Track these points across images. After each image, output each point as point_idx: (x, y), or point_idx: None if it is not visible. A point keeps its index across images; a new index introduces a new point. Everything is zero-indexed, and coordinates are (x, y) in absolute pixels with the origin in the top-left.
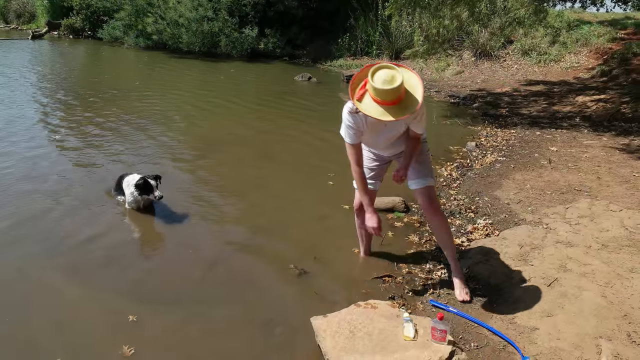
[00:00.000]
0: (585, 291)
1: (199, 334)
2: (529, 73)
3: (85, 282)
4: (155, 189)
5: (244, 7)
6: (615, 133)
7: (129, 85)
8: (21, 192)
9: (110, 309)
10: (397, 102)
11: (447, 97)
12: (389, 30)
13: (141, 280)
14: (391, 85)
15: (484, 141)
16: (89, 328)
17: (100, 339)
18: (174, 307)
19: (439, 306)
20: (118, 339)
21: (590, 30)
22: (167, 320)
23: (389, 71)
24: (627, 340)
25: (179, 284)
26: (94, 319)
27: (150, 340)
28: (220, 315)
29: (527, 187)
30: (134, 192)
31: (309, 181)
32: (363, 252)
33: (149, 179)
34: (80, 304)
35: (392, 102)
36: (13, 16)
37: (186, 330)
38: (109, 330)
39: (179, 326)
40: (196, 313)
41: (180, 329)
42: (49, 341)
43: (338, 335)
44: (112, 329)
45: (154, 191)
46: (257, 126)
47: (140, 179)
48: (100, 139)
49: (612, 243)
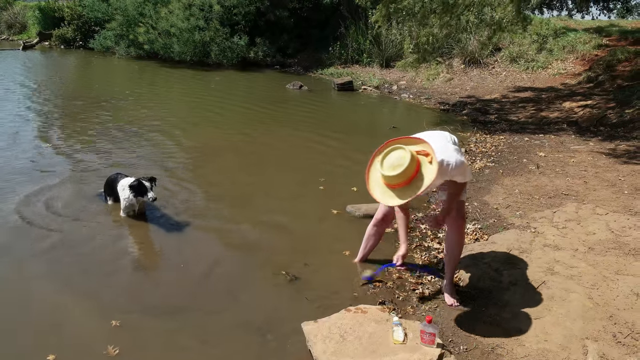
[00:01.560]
0: (572, 293)
1: (189, 340)
2: (517, 80)
3: (73, 287)
4: (150, 190)
5: (235, 16)
6: (601, 138)
7: (120, 94)
8: (10, 198)
9: (98, 314)
10: (408, 182)
11: (437, 104)
12: (379, 38)
13: (130, 285)
14: (395, 171)
15: (473, 147)
16: (78, 331)
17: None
18: (164, 313)
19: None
20: (105, 341)
21: (577, 37)
22: (157, 327)
23: (396, 153)
24: (612, 341)
25: (168, 289)
26: (82, 323)
27: (139, 346)
28: (211, 321)
29: (516, 192)
30: (128, 195)
31: (300, 187)
32: (358, 259)
33: (144, 181)
34: (68, 307)
35: (398, 184)
36: (4, 27)
37: (176, 336)
38: (96, 334)
39: (169, 332)
40: (187, 319)
41: (171, 334)
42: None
43: (329, 340)
44: (98, 333)
45: (147, 193)
46: (249, 134)
47: (134, 180)
48: (92, 147)
49: (599, 246)
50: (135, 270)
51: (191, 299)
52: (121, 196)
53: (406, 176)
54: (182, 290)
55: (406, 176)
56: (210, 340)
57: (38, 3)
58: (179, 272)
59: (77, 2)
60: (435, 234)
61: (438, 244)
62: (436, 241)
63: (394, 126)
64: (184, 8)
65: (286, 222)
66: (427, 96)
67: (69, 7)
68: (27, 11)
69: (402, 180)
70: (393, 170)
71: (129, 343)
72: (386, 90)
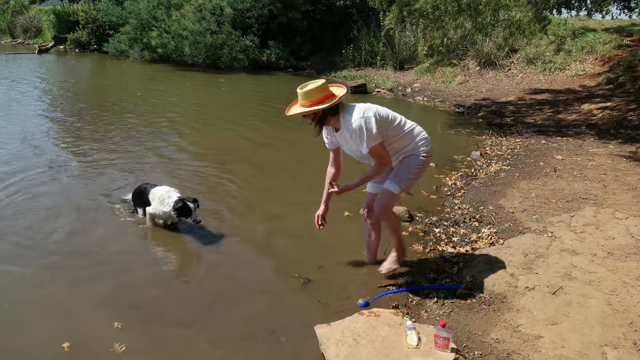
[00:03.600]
0: (590, 299)
1: (202, 344)
2: (533, 82)
3: (78, 288)
4: (194, 212)
5: (247, 19)
6: (621, 141)
7: (133, 97)
8: (25, 200)
9: (107, 318)
10: (304, 105)
11: (451, 106)
12: (392, 41)
13: (139, 288)
14: (302, 90)
15: (488, 150)
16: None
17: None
18: (178, 318)
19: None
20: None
21: (596, 37)
22: (171, 332)
23: (312, 84)
24: (633, 349)
25: (181, 294)
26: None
27: (149, 351)
28: (224, 324)
29: (532, 196)
30: (169, 212)
31: (313, 190)
32: (368, 260)
33: (188, 202)
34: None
35: (301, 103)
36: (20, 31)
37: (190, 341)
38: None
39: (183, 337)
40: (201, 322)
41: (185, 339)
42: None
43: (342, 344)
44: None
45: (192, 214)
46: (262, 136)
47: (179, 200)
48: (107, 149)
49: (618, 251)
50: (143, 269)
51: (203, 302)
52: (154, 205)
53: (312, 97)
54: (193, 295)
55: (312, 97)
56: (223, 343)
57: (53, 7)
58: (189, 276)
59: (92, 6)
60: (450, 238)
61: (452, 248)
62: (450, 245)
63: None
64: (195, 11)
65: (299, 225)
66: (442, 99)
67: (84, 11)
68: (42, 15)
69: (306, 101)
70: (303, 89)
71: (140, 345)
72: (400, 92)
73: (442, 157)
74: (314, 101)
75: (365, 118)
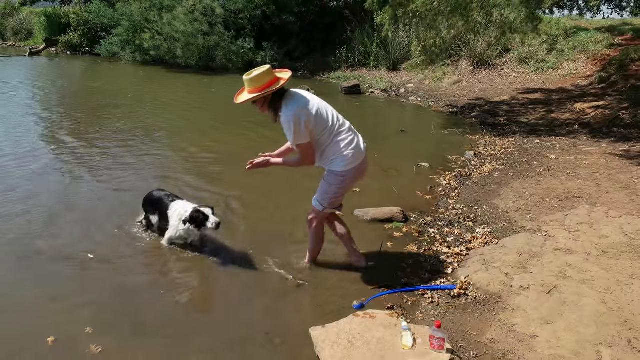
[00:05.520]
0: (584, 298)
1: (197, 347)
2: (526, 81)
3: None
4: (211, 215)
5: (240, 20)
6: (614, 139)
7: (124, 99)
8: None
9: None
10: (253, 91)
11: (445, 106)
12: (386, 41)
13: (129, 293)
14: (248, 76)
15: (482, 150)
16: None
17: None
18: (172, 323)
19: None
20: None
21: (588, 37)
22: (164, 339)
23: (258, 70)
24: (627, 347)
25: (172, 298)
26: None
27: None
28: (220, 326)
29: (526, 195)
30: (189, 227)
31: (306, 191)
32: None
33: (202, 208)
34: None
35: (249, 90)
36: (10, 33)
37: (184, 346)
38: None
39: (176, 342)
40: (195, 326)
41: (178, 344)
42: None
43: (337, 346)
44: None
45: (209, 219)
46: (255, 138)
47: (193, 210)
48: (99, 152)
49: (612, 249)
50: (138, 270)
51: (198, 305)
52: (172, 224)
53: (260, 81)
54: (187, 297)
55: (260, 81)
56: (218, 346)
57: (44, 9)
58: (182, 279)
59: (84, 8)
60: (444, 239)
61: (447, 248)
62: (445, 245)
63: (402, 129)
64: (187, 12)
65: (293, 226)
66: (435, 99)
67: (75, 13)
68: (33, 17)
69: (255, 86)
70: (249, 75)
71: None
72: (394, 93)
73: (436, 157)
74: (263, 85)
75: (297, 115)
